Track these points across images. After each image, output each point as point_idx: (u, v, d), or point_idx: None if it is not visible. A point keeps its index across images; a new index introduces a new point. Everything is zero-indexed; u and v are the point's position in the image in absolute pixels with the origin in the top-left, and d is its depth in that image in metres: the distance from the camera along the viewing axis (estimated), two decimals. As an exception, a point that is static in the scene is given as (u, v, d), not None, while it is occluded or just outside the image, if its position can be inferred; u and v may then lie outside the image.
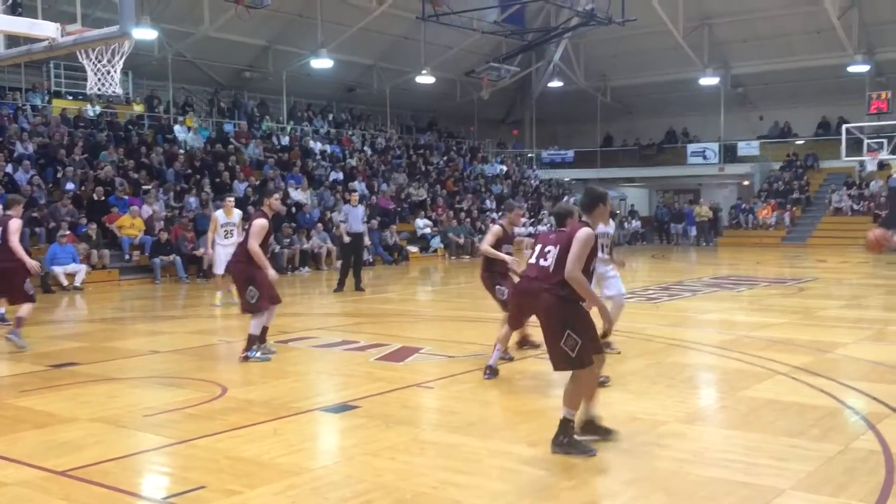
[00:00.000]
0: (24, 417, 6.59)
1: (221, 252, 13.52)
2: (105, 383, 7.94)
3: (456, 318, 12.74)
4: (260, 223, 8.81)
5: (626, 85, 37.32)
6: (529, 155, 40.96)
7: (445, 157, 35.57)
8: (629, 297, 13.51)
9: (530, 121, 41.26)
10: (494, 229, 8.91)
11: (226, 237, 13.78)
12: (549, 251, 5.71)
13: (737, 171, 36.23)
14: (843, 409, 6.66)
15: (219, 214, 14.09)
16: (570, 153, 39.80)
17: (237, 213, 14.13)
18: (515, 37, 30.77)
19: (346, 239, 16.27)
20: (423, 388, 7.62)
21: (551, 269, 5.61)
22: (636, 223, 35.95)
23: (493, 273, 8.80)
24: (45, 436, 6.03)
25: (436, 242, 27.21)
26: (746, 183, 36.78)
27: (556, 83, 36.88)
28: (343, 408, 6.80)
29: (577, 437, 5.49)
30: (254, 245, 8.72)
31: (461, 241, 27.37)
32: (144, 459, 5.65)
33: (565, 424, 5.47)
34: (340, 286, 16.37)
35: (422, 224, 27.53)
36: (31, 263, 9.58)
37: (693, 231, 33.62)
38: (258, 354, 8.83)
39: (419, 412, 7.00)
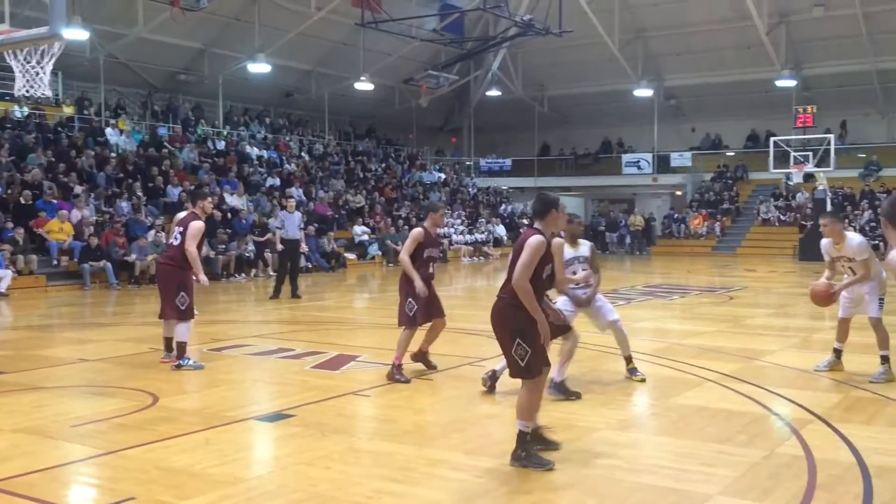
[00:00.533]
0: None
1: None
2: (31, 392, 7.72)
3: (393, 326, 12.64)
4: (197, 225, 8.67)
5: (563, 95, 37.82)
6: (468, 163, 41.17)
7: (384, 164, 35.52)
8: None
9: (469, 129, 41.49)
10: (414, 233, 8.26)
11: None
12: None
13: (670, 181, 36.99)
14: (769, 415, 6.85)
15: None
16: (508, 162, 40.14)
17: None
18: (454, 45, 30.95)
19: (280, 247, 16.12)
20: (359, 396, 7.59)
21: (505, 278, 5.46)
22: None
23: (412, 282, 8.11)
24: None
25: (373, 249, 27.14)
26: (679, 193, 37.57)
27: (494, 92, 37.19)
28: (278, 416, 6.73)
29: (535, 451, 5.43)
30: (191, 247, 8.58)
31: (399, 248, 27.32)
32: (72, 471, 5.51)
33: (522, 437, 5.40)
34: (276, 293, 16.21)
35: (360, 231, 27.43)
36: None
37: (627, 240, 34.21)
38: (191, 362, 8.69)
39: (355, 421, 6.97)
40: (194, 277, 8.81)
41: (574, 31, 26.88)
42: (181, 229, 8.73)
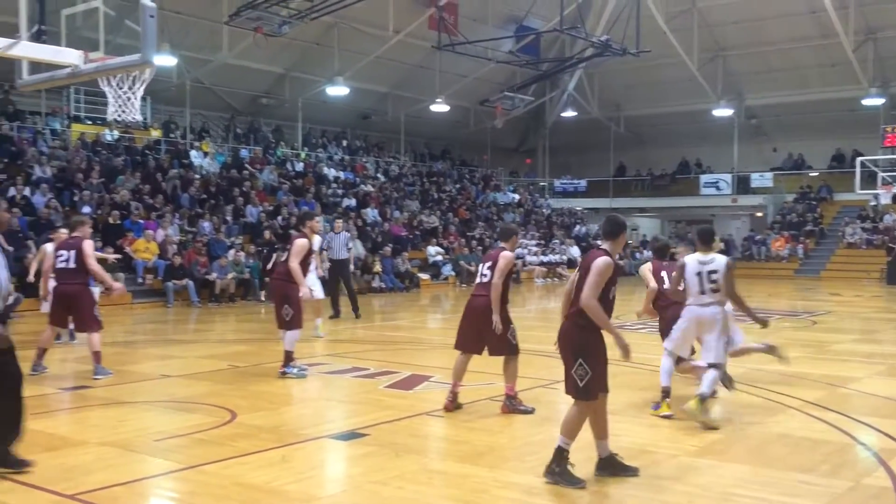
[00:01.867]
0: (35, 440, 6.59)
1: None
2: (116, 407, 7.97)
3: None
4: (301, 242, 9.50)
5: (640, 115, 37.44)
6: (542, 184, 41.07)
7: (458, 185, 35.70)
8: (638, 328, 13.51)
9: (543, 150, 41.40)
10: (510, 256, 7.74)
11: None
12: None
13: (750, 202, 36.16)
14: (855, 444, 6.61)
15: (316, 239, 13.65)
16: (583, 182, 39.89)
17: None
18: (530, 66, 30.97)
19: (327, 265, 16.16)
20: (432, 416, 7.61)
21: (572, 297, 5.55)
22: (648, 254, 35.85)
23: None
24: (54, 459, 6.06)
25: (447, 270, 27.24)
26: (759, 214, 36.70)
27: (569, 113, 37.05)
28: (352, 435, 6.80)
29: (570, 468, 5.44)
30: (294, 263, 9.37)
31: (472, 268, 27.36)
32: (153, 484, 5.67)
33: (560, 453, 5.46)
34: (336, 313, 16.27)
35: (433, 251, 27.58)
36: (117, 286, 10.04)
37: (706, 262, 33.48)
38: (295, 371, 9.12)
39: (428, 441, 6.99)
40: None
41: (652, 51, 26.65)
42: (289, 247, 9.66)
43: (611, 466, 5.61)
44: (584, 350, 5.44)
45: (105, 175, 22.54)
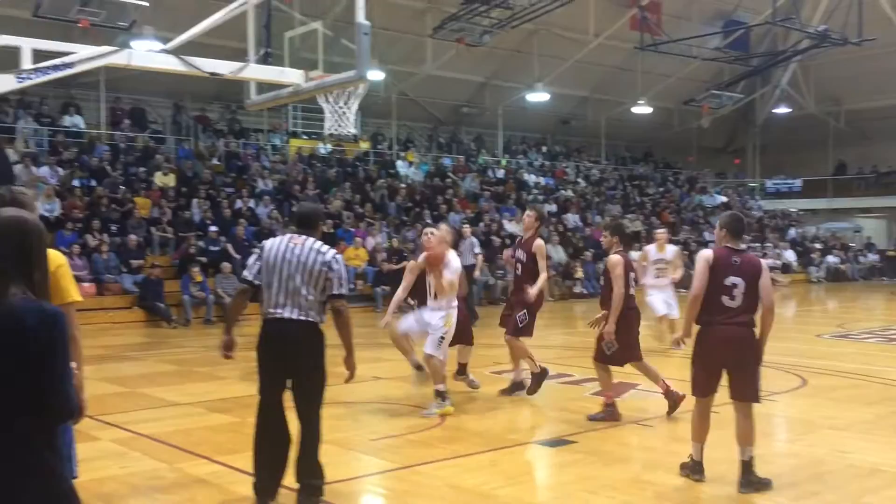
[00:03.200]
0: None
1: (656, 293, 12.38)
2: (333, 407, 8.38)
3: (673, 354, 12.32)
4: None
5: (863, 108, 34.69)
6: (752, 184, 39.10)
7: (662, 188, 34.74)
8: (865, 337, 12.54)
9: (754, 148, 39.41)
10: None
11: (657, 276, 12.53)
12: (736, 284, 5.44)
13: None
14: None
15: (650, 249, 12.79)
16: (798, 182, 37.57)
17: (670, 249, 12.75)
18: (739, 62, 29.60)
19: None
20: (641, 425, 7.44)
21: (740, 302, 5.46)
22: (873, 256, 33.18)
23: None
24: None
25: (651, 275, 26.52)
26: None
27: (782, 109, 35.07)
28: (560, 442, 6.77)
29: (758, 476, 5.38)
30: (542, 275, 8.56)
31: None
32: (371, 482, 5.92)
33: (750, 465, 5.39)
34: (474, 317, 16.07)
35: (636, 256, 26.94)
36: None
37: (942, 267, 30.56)
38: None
39: (638, 451, 6.83)
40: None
41: (877, 39, 24.68)
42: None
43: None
44: (760, 356, 5.49)
45: (320, 186, 23.89)
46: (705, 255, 5.61)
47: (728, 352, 5.43)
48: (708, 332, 5.49)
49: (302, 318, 5.04)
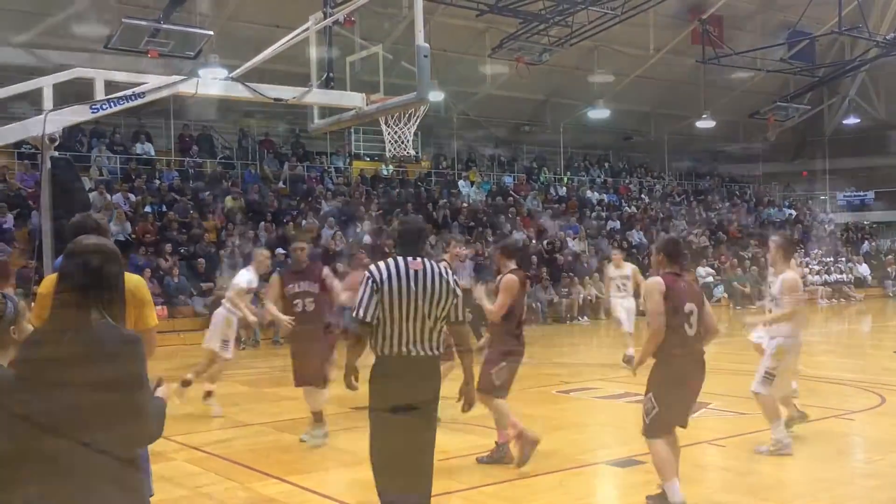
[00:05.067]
0: (329, 455, 7.16)
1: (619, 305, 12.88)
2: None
3: (743, 373, 12.04)
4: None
5: (937, 116, 33.67)
6: (822, 197, 38.15)
7: (728, 203, 34.14)
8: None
9: (823, 161, 38.49)
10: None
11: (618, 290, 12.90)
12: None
13: None
14: None
15: (609, 267, 13.36)
16: (871, 194, 36.52)
17: (628, 266, 13.17)
18: (805, 74, 29.02)
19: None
20: (713, 445, 7.28)
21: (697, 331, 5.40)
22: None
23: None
24: (346, 474, 6.50)
25: (718, 291, 26.07)
26: None
27: (852, 119, 34.18)
28: (629, 462, 6.67)
29: None
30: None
31: (747, 289, 25.98)
32: (439, 502, 5.90)
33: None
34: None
35: (703, 272, 26.51)
36: None
37: None
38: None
39: (712, 472, 6.70)
40: None
41: (949, 45, 23.97)
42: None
43: None
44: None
45: (383, 207, 24.11)
46: (656, 284, 5.22)
47: (697, 383, 5.34)
48: (672, 365, 5.21)
49: (431, 353, 4.46)
